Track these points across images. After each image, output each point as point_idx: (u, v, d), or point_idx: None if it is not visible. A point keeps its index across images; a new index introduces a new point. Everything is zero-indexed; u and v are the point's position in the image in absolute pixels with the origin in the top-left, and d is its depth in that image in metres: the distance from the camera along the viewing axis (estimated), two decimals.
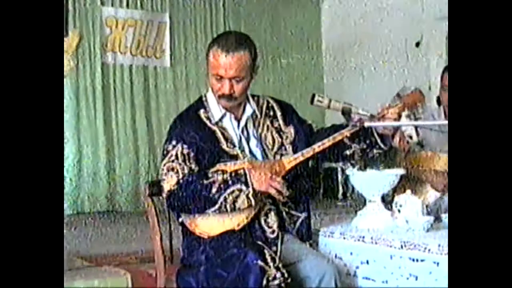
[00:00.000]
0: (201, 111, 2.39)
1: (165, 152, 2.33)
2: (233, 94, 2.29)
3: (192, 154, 2.30)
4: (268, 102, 2.51)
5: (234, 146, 2.35)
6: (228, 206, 2.22)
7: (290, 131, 2.46)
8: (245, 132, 2.41)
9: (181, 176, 2.27)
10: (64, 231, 4.79)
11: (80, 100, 6.94)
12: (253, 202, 2.21)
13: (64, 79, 6.82)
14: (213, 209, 2.23)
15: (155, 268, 2.49)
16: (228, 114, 2.39)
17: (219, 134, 2.35)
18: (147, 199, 2.45)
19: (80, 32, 6.90)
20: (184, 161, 2.29)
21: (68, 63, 6.80)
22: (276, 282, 2.07)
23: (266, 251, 2.13)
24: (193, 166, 2.29)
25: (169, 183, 2.28)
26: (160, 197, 2.39)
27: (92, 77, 7.01)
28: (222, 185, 2.21)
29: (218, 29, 7.46)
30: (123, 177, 7.06)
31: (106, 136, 7.05)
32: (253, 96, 2.46)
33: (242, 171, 2.22)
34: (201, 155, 2.30)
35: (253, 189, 2.19)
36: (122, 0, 7.18)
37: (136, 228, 4.80)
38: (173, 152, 2.30)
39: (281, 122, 2.47)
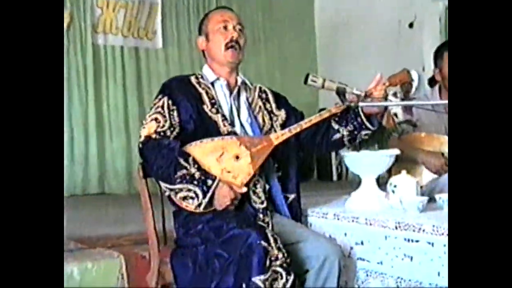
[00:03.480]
0: (192, 77, 2.50)
1: (151, 105, 2.41)
2: (239, 40, 2.46)
3: (175, 111, 2.35)
4: (261, 87, 2.61)
5: (218, 112, 2.38)
6: (177, 196, 2.22)
7: (281, 114, 2.53)
8: (236, 103, 2.47)
9: (161, 125, 2.31)
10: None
11: (71, 82, 6.87)
12: (200, 209, 2.21)
13: None
14: (165, 185, 2.25)
15: (149, 249, 2.48)
16: (221, 79, 2.47)
17: (204, 97, 2.41)
18: (140, 180, 2.43)
19: (71, 13, 6.82)
20: (167, 113, 2.34)
21: None
22: (279, 262, 2.06)
23: (268, 231, 2.12)
24: (173, 121, 2.33)
25: (149, 129, 2.32)
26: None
27: (83, 58, 6.92)
28: (187, 177, 2.20)
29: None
30: (114, 159, 7.02)
31: (97, 118, 6.99)
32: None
33: (212, 182, 2.19)
34: (184, 113, 2.35)
35: (208, 203, 2.20)
36: None
37: (128, 210, 4.78)
38: (159, 104, 2.37)
39: (273, 105, 2.55)
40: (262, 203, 2.31)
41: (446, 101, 3.06)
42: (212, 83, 2.47)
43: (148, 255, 2.55)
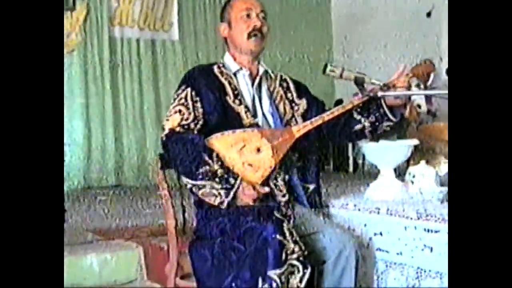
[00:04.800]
0: (215, 67, 2.45)
1: (174, 96, 2.36)
2: (262, 28, 2.42)
3: (199, 102, 2.31)
4: (281, 76, 2.57)
5: (241, 103, 2.35)
6: (199, 191, 2.21)
7: (303, 103, 2.49)
8: (258, 93, 2.44)
9: (185, 118, 2.28)
10: (75, 205, 4.79)
11: (88, 75, 6.90)
12: (222, 207, 2.19)
13: (72, 53, 6.79)
14: (187, 180, 2.23)
15: (167, 241, 2.49)
16: (243, 69, 2.43)
17: (227, 88, 2.37)
18: (158, 172, 2.43)
19: (88, 5, 6.85)
20: (191, 105, 2.30)
21: (75, 37, 6.77)
22: (295, 255, 2.04)
23: (284, 225, 2.10)
24: (197, 113, 2.30)
25: (172, 122, 2.28)
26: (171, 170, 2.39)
27: (99, 51, 6.97)
28: (210, 174, 2.18)
29: None
30: (131, 151, 7.05)
31: (114, 110, 7.04)
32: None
33: (234, 180, 2.18)
34: (208, 104, 2.31)
35: (230, 201, 2.18)
36: None
37: (145, 202, 4.81)
38: (182, 95, 2.33)
39: (294, 94, 2.51)
40: (284, 196, 2.28)
41: None
42: (235, 73, 2.43)
43: (166, 246, 2.55)
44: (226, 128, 2.27)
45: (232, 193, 2.17)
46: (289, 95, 2.50)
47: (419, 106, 2.48)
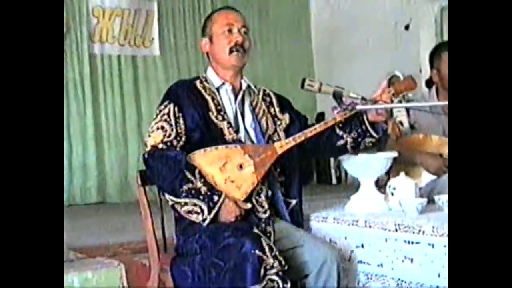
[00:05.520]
0: (197, 81, 2.44)
1: (157, 112, 2.36)
2: (244, 43, 2.41)
3: (181, 118, 2.31)
4: (264, 90, 2.57)
5: (223, 119, 2.34)
6: (182, 209, 2.21)
7: (285, 118, 2.49)
8: (240, 108, 2.43)
9: (167, 134, 2.28)
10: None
11: (69, 92, 6.87)
12: (204, 224, 2.20)
13: None
14: (170, 197, 2.23)
15: (149, 258, 2.48)
16: (226, 84, 2.42)
17: (210, 104, 2.37)
18: (138, 188, 2.42)
19: (67, 23, 6.83)
20: (174, 121, 2.30)
21: None
22: (274, 270, 2.04)
23: (263, 240, 2.10)
24: (180, 130, 2.30)
25: (155, 138, 2.28)
26: (152, 186, 2.38)
27: (80, 68, 6.93)
28: (193, 191, 2.18)
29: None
30: (113, 168, 7.01)
31: (95, 127, 6.98)
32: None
33: (218, 197, 2.18)
34: (190, 121, 2.31)
35: (213, 218, 2.19)
36: None
37: (128, 219, 4.77)
38: (165, 111, 2.33)
39: (276, 109, 2.51)
40: (265, 212, 2.28)
41: (444, 102, 3.06)
42: (218, 88, 2.42)
43: (148, 263, 2.55)
44: (209, 144, 2.27)
45: (215, 210, 2.17)
46: (272, 110, 2.50)
47: (401, 123, 2.49)
